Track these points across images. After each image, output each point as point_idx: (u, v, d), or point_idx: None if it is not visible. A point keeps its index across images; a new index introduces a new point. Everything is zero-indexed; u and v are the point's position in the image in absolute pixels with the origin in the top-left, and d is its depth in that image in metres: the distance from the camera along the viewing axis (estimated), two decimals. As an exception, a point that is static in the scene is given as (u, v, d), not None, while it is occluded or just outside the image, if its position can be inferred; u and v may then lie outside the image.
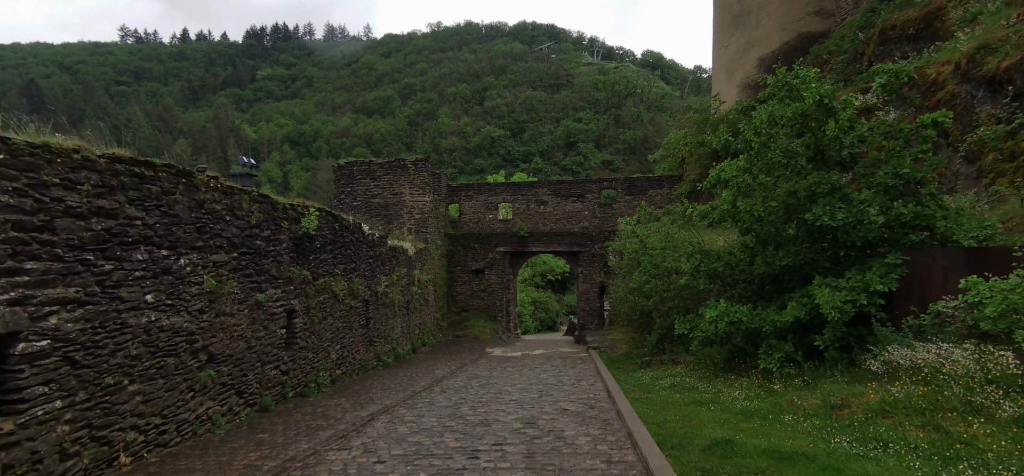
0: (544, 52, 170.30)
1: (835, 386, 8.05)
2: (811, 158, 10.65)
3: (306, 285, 11.71)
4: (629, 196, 30.16)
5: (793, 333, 9.90)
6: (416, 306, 22.34)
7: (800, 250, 10.23)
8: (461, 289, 30.63)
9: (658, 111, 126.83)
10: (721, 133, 11.04)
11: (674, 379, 11.80)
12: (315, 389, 11.78)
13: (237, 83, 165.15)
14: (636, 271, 15.63)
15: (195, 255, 7.92)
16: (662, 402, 9.75)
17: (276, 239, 10.44)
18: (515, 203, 31.03)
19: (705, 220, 11.07)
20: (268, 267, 10.11)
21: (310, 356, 11.91)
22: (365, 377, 14.62)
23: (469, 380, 14.02)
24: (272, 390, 10.22)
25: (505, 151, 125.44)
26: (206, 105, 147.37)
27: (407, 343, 20.61)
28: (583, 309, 30.21)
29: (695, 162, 26.97)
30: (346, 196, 25.57)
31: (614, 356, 18.64)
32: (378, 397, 11.50)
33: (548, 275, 60.61)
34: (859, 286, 9.11)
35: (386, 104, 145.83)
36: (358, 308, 15.09)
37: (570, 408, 10.00)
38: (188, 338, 7.75)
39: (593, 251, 29.56)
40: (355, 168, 25.50)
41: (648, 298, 15.27)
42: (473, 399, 11.18)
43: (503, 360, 19.18)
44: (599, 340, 22.62)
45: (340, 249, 13.80)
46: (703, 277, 11.88)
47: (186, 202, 7.76)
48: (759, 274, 11.24)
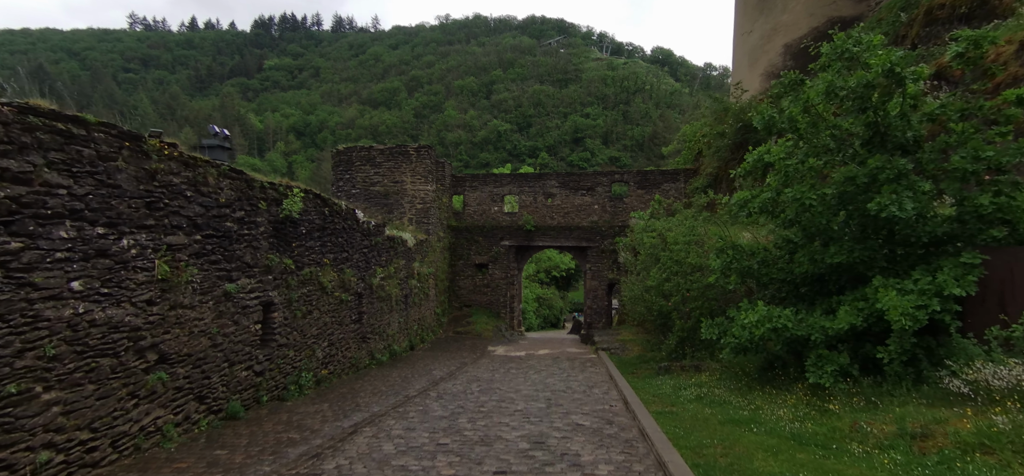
0: (553, 46, 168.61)
1: (909, 409, 6.66)
2: (867, 140, 9.23)
3: (288, 275, 10.40)
4: (641, 190, 28.76)
5: (846, 342, 8.51)
6: (415, 300, 21.05)
7: (854, 246, 8.82)
8: (464, 284, 29.33)
9: (667, 108, 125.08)
10: (763, 109, 9.61)
11: (700, 389, 10.44)
12: (296, 392, 10.49)
13: (244, 72, 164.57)
14: (654, 268, 14.26)
15: (143, 235, 6.61)
16: (691, 418, 8.40)
17: (251, 222, 9.12)
18: (521, 195, 29.69)
19: (743, 210, 9.67)
20: (241, 253, 8.80)
21: (291, 355, 10.61)
22: (356, 377, 13.32)
23: (469, 384, 12.70)
24: (243, 394, 8.92)
25: (511, 145, 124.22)
26: (213, 94, 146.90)
27: (404, 339, 19.32)
28: (590, 307, 28.84)
29: (713, 155, 25.50)
30: (344, 183, 24.28)
31: (626, 359, 17.29)
32: (366, 403, 10.19)
33: (553, 271, 59.22)
34: (930, 289, 7.72)
35: (392, 96, 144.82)
36: (349, 301, 13.79)
37: (584, 423, 8.65)
38: (131, 334, 6.44)
39: (602, 247, 28.19)
40: (354, 154, 24.19)
41: (667, 297, 13.90)
42: (472, 408, 9.86)
43: (506, 360, 17.86)
44: (608, 340, 21.26)
45: (330, 236, 12.49)
46: (735, 275, 10.49)
47: (132, 171, 6.44)
48: (800, 273, 9.83)
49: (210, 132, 10.63)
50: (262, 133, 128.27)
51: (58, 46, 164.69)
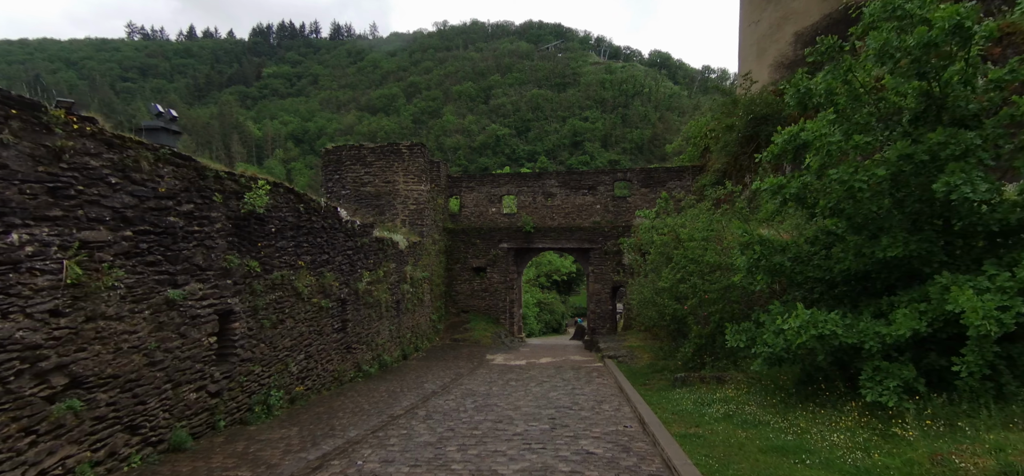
0: (550, 51, 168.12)
1: (1010, 436, 5.31)
2: (918, 114, 7.92)
3: (252, 279, 9.07)
4: (645, 188, 27.47)
5: (906, 352, 7.17)
6: (408, 306, 19.70)
7: (908, 238, 7.48)
8: (461, 288, 27.99)
9: (666, 110, 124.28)
10: (798, 81, 8.29)
11: (727, 406, 9.07)
12: (262, 414, 9.13)
13: (243, 80, 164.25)
14: (666, 268, 12.92)
15: (44, 229, 5.29)
16: (724, 444, 7.05)
17: (204, 217, 7.80)
18: (520, 196, 28.39)
19: (777, 197, 8.34)
20: (189, 254, 7.47)
21: (257, 370, 9.26)
22: (337, 393, 11.95)
23: (463, 399, 11.34)
24: (193, 420, 7.56)
25: (510, 150, 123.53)
26: (211, 102, 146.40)
27: (396, 349, 17.96)
28: (594, 311, 27.48)
29: (721, 150, 24.18)
30: (334, 184, 22.98)
31: (636, 368, 15.92)
32: (342, 425, 8.83)
33: (553, 275, 57.91)
34: (1011, 287, 6.39)
35: (391, 102, 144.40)
36: (331, 309, 12.45)
37: (596, 451, 7.30)
38: (26, 354, 5.11)
39: (605, 248, 26.86)
40: (343, 153, 22.90)
41: (682, 300, 12.56)
42: (464, 431, 8.51)
43: (505, 370, 16.50)
44: (614, 347, 19.90)
45: (306, 236, 11.17)
46: (762, 275, 9.15)
47: (26, 148, 5.13)
48: (840, 271, 8.50)
49: (152, 111, 9.26)
50: (261, 141, 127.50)
51: (56, 56, 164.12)
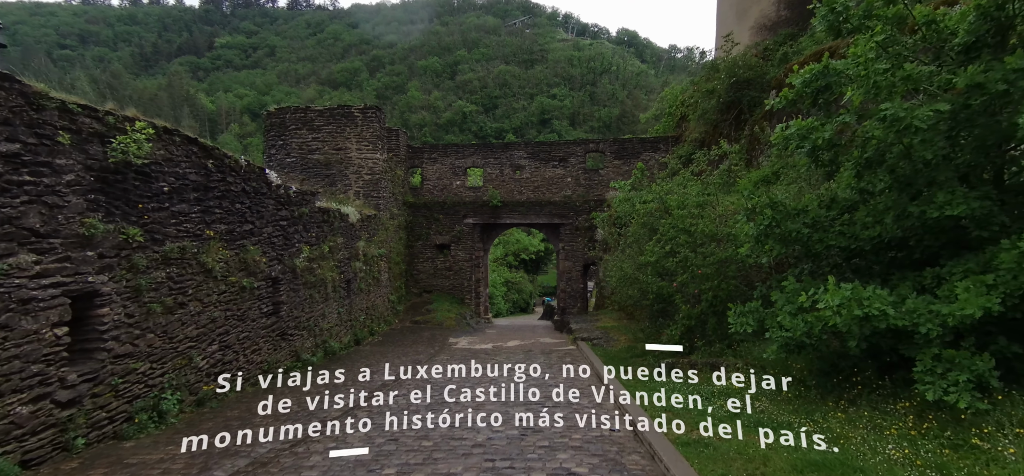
0: (518, 27, 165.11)
1: None
2: (970, 44, 6.36)
3: (132, 252, 6.96)
4: (619, 160, 25.91)
5: (966, 337, 5.67)
6: (361, 287, 17.65)
7: (969, 195, 5.95)
8: (423, 267, 26.03)
9: (634, 89, 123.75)
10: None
11: (731, 399, 7.51)
12: (149, 423, 7.10)
13: (193, 50, 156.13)
14: (651, 241, 11.30)
15: None
16: (741, 456, 5.45)
17: (41, 164, 5.66)
18: (487, 168, 26.47)
19: (803, 145, 6.70)
20: (13, 213, 5.35)
21: (142, 368, 7.19)
22: (259, 390, 9.95)
23: (415, 393, 9.52)
24: (26, 441, 5.51)
25: (478, 127, 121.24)
26: (159, 73, 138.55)
27: (346, 333, 15.96)
28: (564, 290, 25.93)
29: (699, 118, 22.73)
30: (277, 151, 20.55)
31: (612, 352, 14.36)
32: (256, 436, 6.90)
33: (521, 254, 56.30)
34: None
35: (353, 76, 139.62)
36: (258, 289, 10.38)
37: (580, 471, 5.61)
38: None
39: (577, 224, 25.26)
40: (288, 115, 20.45)
41: (667, 277, 10.97)
42: (411, 442, 6.73)
43: (468, 355, 14.73)
44: (587, 328, 18.34)
45: (219, 201, 9.04)
46: (774, 244, 7.58)
47: None
48: (871, 237, 6.98)
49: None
50: (214, 114, 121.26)
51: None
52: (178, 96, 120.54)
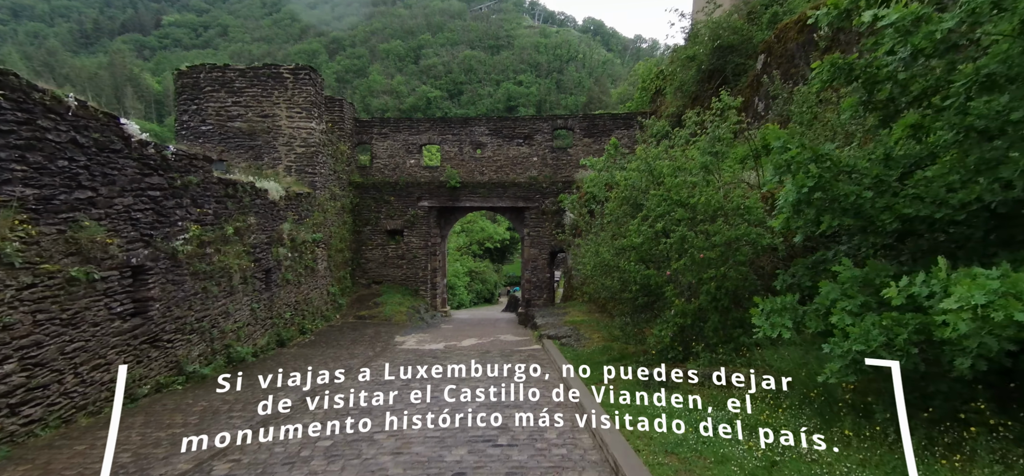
0: (483, 12, 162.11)
1: None
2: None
3: None
4: (589, 138, 23.66)
5: None
6: (287, 277, 14.83)
7: None
8: (372, 255, 23.27)
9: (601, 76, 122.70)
10: None
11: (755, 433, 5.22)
12: None
13: (139, 28, 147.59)
14: (635, 220, 8.93)
15: None
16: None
17: None
18: (445, 145, 23.83)
19: (902, 46, 4.40)
20: None
21: None
22: (101, 422, 7.17)
23: (322, 423, 6.93)
24: None
25: (442, 113, 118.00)
26: (100, 50, 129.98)
27: (264, 335, 13.16)
28: (529, 280, 23.57)
29: (677, 90, 20.64)
30: (190, 118, 17.42)
31: (584, 353, 12.03)
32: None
33: (486, 243, 53.72)
34: None
35: (311, 59, 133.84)
36: (106, 282, 7.57)
37: None
38: None
39: (543, 207, 22.91)
40: (202, 75, 17.31)
41: (654, 264, 8.64)
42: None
43: (414, 359, 12.18)
44: (554, 323, 15.99)
45: (21, 153, 6.21)
46: (820, 212, 5.31)
47: None
48: (956, 203, 4.78)
49: None
50: (161, 96, 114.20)
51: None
52: (121, 76, 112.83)
